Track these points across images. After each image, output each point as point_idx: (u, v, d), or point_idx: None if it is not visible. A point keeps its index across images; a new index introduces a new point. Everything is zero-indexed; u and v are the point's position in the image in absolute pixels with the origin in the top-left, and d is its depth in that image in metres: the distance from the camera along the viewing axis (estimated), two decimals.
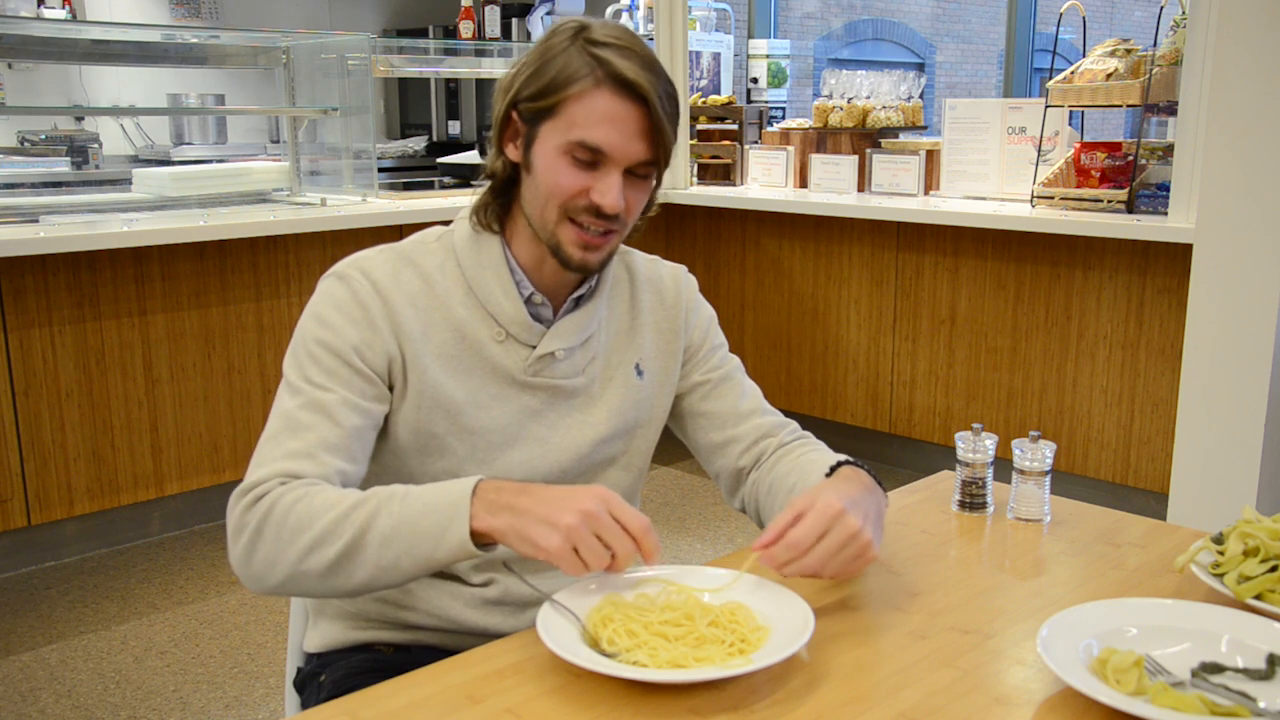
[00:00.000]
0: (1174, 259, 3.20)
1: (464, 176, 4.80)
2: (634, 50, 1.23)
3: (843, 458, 1.34)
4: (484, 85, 5.76)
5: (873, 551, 1.16)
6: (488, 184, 1.33)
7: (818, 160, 4.09)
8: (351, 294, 1.26)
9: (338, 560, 1.12)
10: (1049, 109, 3.51)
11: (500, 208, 1.34)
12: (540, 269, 1.33)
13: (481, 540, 1.10)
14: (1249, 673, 1.00)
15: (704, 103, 4.59)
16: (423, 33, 5.93)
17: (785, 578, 1.14)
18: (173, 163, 5.01)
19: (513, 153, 1.29)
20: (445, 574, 1.31)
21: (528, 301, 1.32)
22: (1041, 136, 3.55)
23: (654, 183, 1.31)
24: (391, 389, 1.28)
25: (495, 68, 4.69)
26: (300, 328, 1.27)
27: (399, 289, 1.28)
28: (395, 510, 1.12)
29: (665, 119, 1.24)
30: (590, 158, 1.23)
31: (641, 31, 4.90)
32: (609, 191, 1.23)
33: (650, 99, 1.22)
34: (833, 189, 4.03)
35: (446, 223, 1.37)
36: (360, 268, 1.28)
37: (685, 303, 1.46)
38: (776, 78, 5.44)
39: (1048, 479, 1.42)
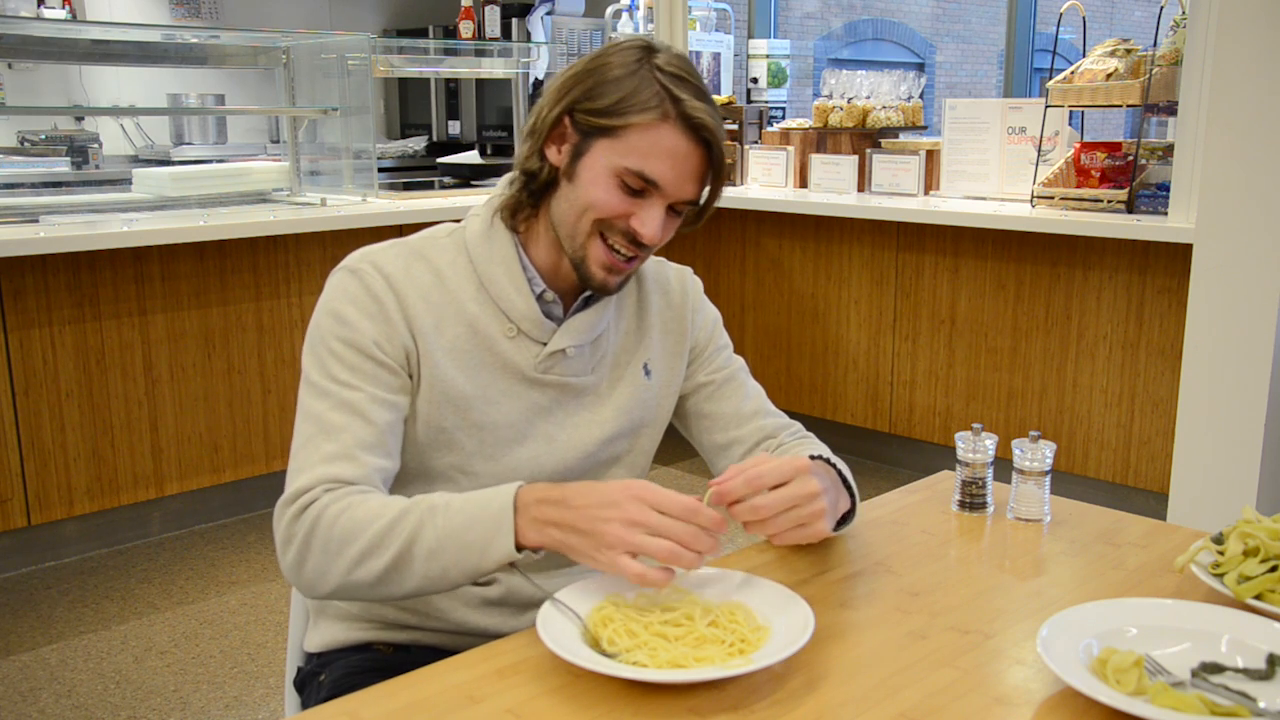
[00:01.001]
0: (1174, 259, 3.20)
1: (464, 177, 4.80)
2: (701, 89, 1.23)
3: (824, 454, 1.34)
4: (484, 85, 5.75)
5: (822, 524, 1.18)
6: (519, 180, 1.31)
7: (818, 160, 4.09)
8: (365, 288, 1.26)
9: (386, 572, 1.13)
10: (1049, 109, 3.51)
11: (528, 207, 1.32)
12: (556, 270, 1.33)
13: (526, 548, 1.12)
14: (1249, 673, 1.00)
15: None
16: (423, 33, 5.92)
17: (732, 518, 1.15)
18: (173, 163, 5.00)
19: (554, 156, 1.28)
20: None
21: (539, 299, 1.32)
22: (1041, 136, 3.55)
23: (683, 219, 1.31)
24: (410, 379, 1.28)
25: (495, 68, 4.69)
26: (317, 325, 1.26)
27: (411, 283, 1.28)
28: (439, 523, 1.12)
29: (723, 162, 1.25)
30: (641, 187, 1.23)
31: (641, 31, 4.89)
32: (650, 222, 1.24)
33: (714, 143, 1.23)
34: (833, 189, 4.03)
35: (456, 221, 1.37)
36: (372, 261, 1.28)
37: (691, 304, 1.46)
38: (776, 78, 5.43)
39: (1048, 479, 1.42)
